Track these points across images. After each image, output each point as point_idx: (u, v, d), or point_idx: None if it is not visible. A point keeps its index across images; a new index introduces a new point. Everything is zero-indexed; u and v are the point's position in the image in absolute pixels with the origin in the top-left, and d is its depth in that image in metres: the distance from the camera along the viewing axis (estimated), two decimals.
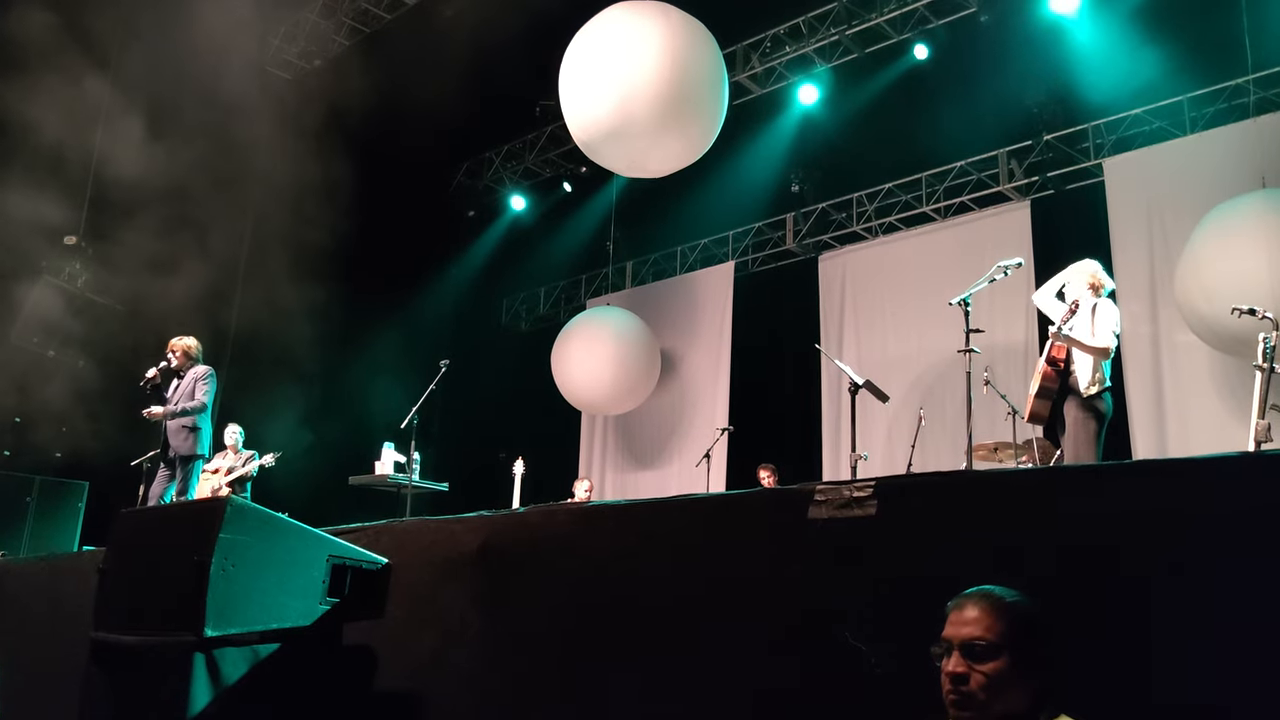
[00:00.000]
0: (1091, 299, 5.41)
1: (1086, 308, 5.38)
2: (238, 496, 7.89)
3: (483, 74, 10.63)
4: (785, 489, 2.96)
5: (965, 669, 1.79)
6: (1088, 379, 5.20)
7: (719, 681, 2.81)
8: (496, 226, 14.32)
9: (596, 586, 3.21)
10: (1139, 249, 8.82)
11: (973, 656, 1.79)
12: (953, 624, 1.85)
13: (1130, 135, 9.25)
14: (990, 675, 1.78)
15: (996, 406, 7.32)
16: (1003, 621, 1.80)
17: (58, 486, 10.16)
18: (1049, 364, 5.31)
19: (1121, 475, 2.50)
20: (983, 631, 1.80)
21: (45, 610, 5.23)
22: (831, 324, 11.18)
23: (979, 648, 1.79)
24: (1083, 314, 5.37)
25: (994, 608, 1.82)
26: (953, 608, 1.88)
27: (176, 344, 7.54)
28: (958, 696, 1.79)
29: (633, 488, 12.29)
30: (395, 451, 8.27)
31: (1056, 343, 5.29)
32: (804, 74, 11.09)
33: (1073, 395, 5.23)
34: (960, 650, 1.80)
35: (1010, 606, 1.83)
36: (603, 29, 8.24)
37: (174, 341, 7.56)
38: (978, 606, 1.83)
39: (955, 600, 1.89)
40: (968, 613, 1.84)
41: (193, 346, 7.56)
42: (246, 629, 3.14)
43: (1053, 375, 5.29)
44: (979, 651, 1.79)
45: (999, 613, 1.81)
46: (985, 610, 1.82)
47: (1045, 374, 5.30)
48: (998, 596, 1.85)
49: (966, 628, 1.81)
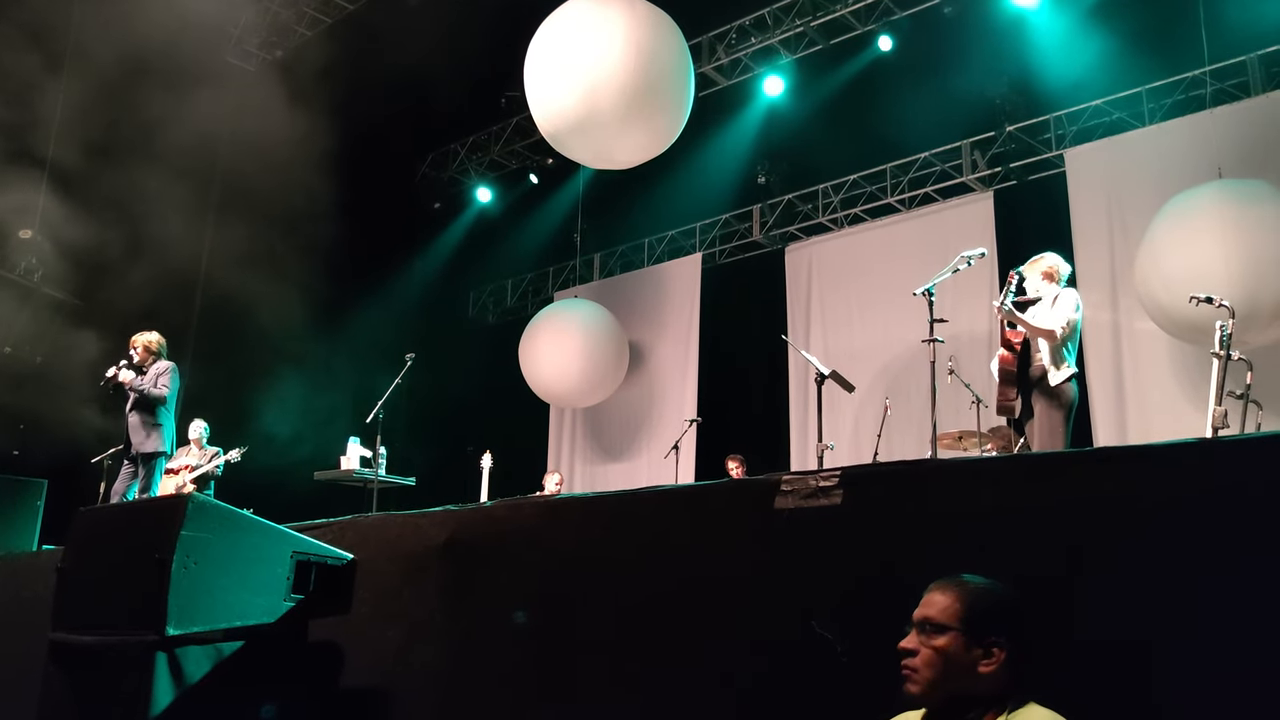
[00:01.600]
0: (1052, 288, 5.43)
1: (1048, 298, 5.40)
2: (200, 494, 7.80)
3: (448, 64, 10.55)
4: (752, 479, 2.97)
5: (916, 645, 1.89)
6: (1050, 364, 5.20)
7: (688, 672, 2.82)
8: (463, 219, 14.21)
9: (564, 579, 3.20)
10: (1099, 238, 8.94)
11: (924, 632, 1.89)
12: (920, 605, 1.95)
13: (1091, 126, 9.36)
14: (937, 650, 1.87)
15: (961, 395, 7.39)
16: (959, 603, 1.89)
17: (15, 485, 9.97)
18: (1004, 347, 5.32)
19: (1084, 462, 2.53)
20: (937, 612, 1.90)
21: (3, 610, 5.13)
22: (798, 315, 11.23)
23: (930, 625, 1.89)
24: (1043, 303, 5.40)
25: (953, 590, 1.91)
26: (927, 590, 1.96)
27: (138, 340, 7.40)
28: (905, 670, 1.90)
29: (602, 480, 12.29)
30: (361, 446, 8.20)
31: (1004, 322, 5.31)
32: (769, 65, 11.11)
33: (1039, 384, 5.23)
34: (916, 627, 1.91)
35: (971, 591, 1.91)
36: (568, 20, 8.20)
37: (135, 337, 7.42)
38: (941, 589, 1.93)
39: (935, 583, 1.97)
40: (932, 595, 1.93)
41: (154, 342, 7.42)
42: (209, 627, 3.10)
43: (1010, 359, 5.29)
44: (929, 628, 1.89)
45: (955, 594, 1.90)
46: (944, 592, 1.92)
47: (1002, 359, 5.32)
48: (963, 581, 1.93)
49: (926, 608, 1.92)
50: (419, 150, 14.05)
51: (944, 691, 1.86)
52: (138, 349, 7.37)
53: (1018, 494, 2.44)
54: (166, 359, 7.46)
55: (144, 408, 7.24)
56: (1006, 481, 2.50)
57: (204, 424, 8.56)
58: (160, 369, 7.33)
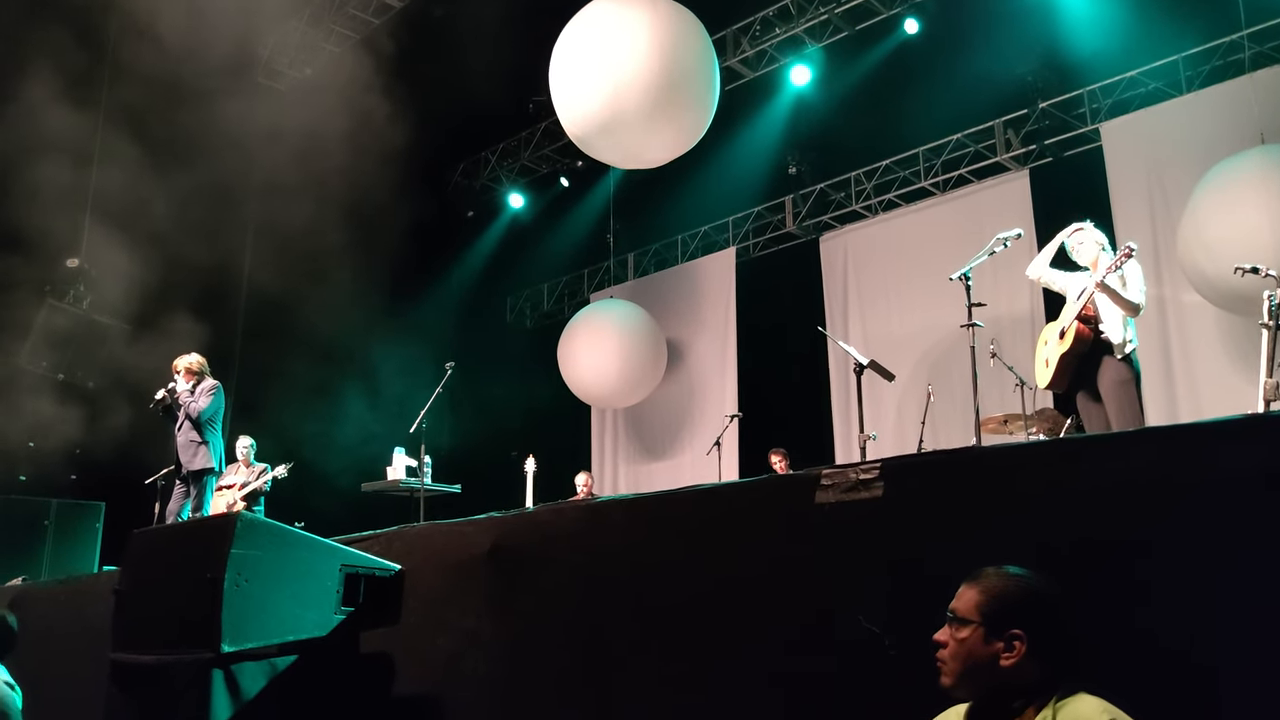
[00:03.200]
0: (1107, 257, 5.25)
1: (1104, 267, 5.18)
2: (248, 511, 7.93)
3: (474, 73, 10.61)
4: (792, 475, 2.96)
5: (945, 638, 1.91)
6: (1121, 337, 5.06)
7: (735, 670, 2.81)
8: (496, 225, 14.31)
9: (608, 581, 3.21)
10: (1140, 211, 8.76)
11: (951, 624, 1.91)
12: (955, 597, 1.95)
13: (1126, 98, 9.18)
14: (960, 643, 1.87)
15: (1005, 378, 7.29)
16: (984, 595, 1.89)
17: (74, 508, 10.21)
18: (1082, 322, 5.12)
19: (1137, 442, 2.45)
20: (960, 604, 1.91)
21: (67, 632, 5.26)
22: (836, 304, 11.15)
23: (954, 617, 1.90)
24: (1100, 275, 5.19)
25: (981, 583, 1.91)
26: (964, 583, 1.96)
27: (180, 363, 7.54)
28: (940, 664, 1.92)
29: (646, 479, 12.31)
30: (406, 456, 8.29)
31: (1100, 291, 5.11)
32: (795, 55, 11.04)
33: (1108, 356, 5.08)
34: (948, 620, 1.92)
35: (993, 583, 1.90)
36: (590, 22, 8.21)
37: (177, 361, 7.56)
38: (968, 582, 1.93)
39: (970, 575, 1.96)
40: (965, 588, 1.93)
41: (195, 363, 7.54)
42: (263, 643, 3.15)
43: (1088, 334, 5.11)
44: (954, 621, 1.90)
45: (982, 587, 1.90)
46: (973, 585, 1.92)
47: (1080, 333, 5.11)
48: (987, 574, 1.92)
49: (958, 601, 1.92)
50: (450, 159, 14.16)
51: (973, 684, 1.87)
52: (180, 372, 7.51)
53: (1062, 478, 2.39)
54: (210, 378, 7.58)
55: (191, 427, 7.37)
56: (1049, 466, 2.46)
57: (251, 440, 8.69)
58: (204, 387, 7.48)
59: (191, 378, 7.50)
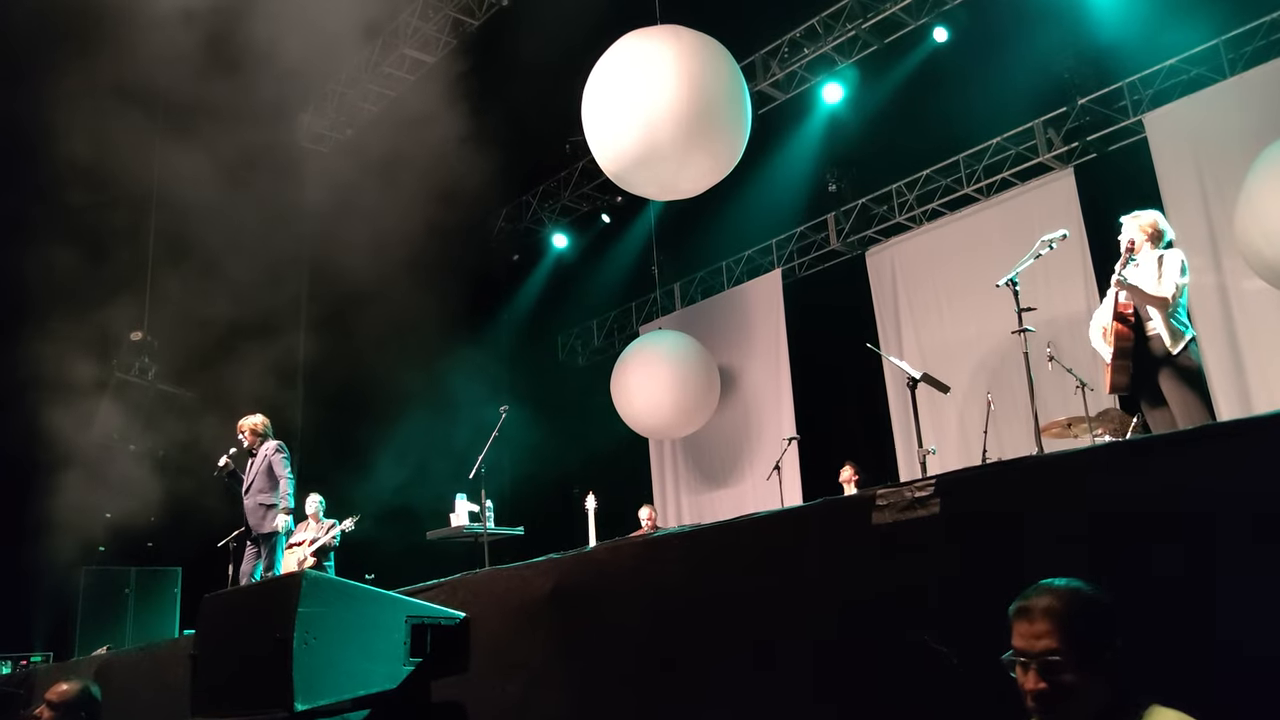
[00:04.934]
0: (1153, 250, 5.07)
1: (1151, 259, 5.04)
2: (313, 570, 8.02)
3: (509, 120, 10.80)
4: (847, 497, 2.93)
5: (1046, 685, 1.78)
6: (1170, 330, 4.84)
7: (804, 699, 2.77)
8: (542, 266, 14.47)
9: (671, 615, 3.19)
10: (1192, 200, 8.56)
11: (1050, 671, 1.77)
12: (1022, 636, 1.82)
13: (1168, 87, 9.01)
14: (1070, 685, 1.77)
15: (1065, 381, 7.13)
16: (1071, 628, 1.78)
17: (153, 575, 10.47)
18: (1119, 321, 4.97)
19: (1202, 439, 2.36)
20: (1055, 644, 1.78)
21: (150, 698, 5.37)
22: (887, 318, 11.04)
23: (1054, 663, 1.77)
24: (1147, 266, 5.04)
25: (1060, 615, 1.79)
26: (1017, 615, 1.84)
27: (244, 424, 7.64)
28: (1044, 707, 1.79)
29: (709, 508, 12.23)
30: (468, 501, 8.35)
31: (1119, 294, 5.02)
32: (826, 73, 11.04)
33: (1160, 357, 4.87)
34: (1038, 668, 1.79)
35: (1074, 609, 1.80)
36: (618, 58, 8.31)
37: (242, 422, 7.67)
38: (1045, 617, 1.80)
39: (1018, 604, 1.85)
40: (1037, 625, 1.80)
41: (260, 424, 7.65)
42: (335, 699, 3.19)
43: (1127, 333, 4.94)
44: (1056, 666, 1.77)
45: (1065, 620, 1.78)
46: (1052, 620, 1.79)
47: (1119, 332, 4.95)
48: (1061, 599, 1.81)
49: (1039, 641, 1.79)
50: (493, 205, 14.36)
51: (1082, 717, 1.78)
52: (245, 433, 7.60)
53: (1127, 482, 2.33)
54: (273, 438, 7.67)
55: (259, 491, 7.45)
56: (1111, 470, 2.39)
57: (319, 498, 8.81)
58: (269, 450, 7.54)
59: (255, 439, 7.60)
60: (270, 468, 7.49)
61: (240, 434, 7.63)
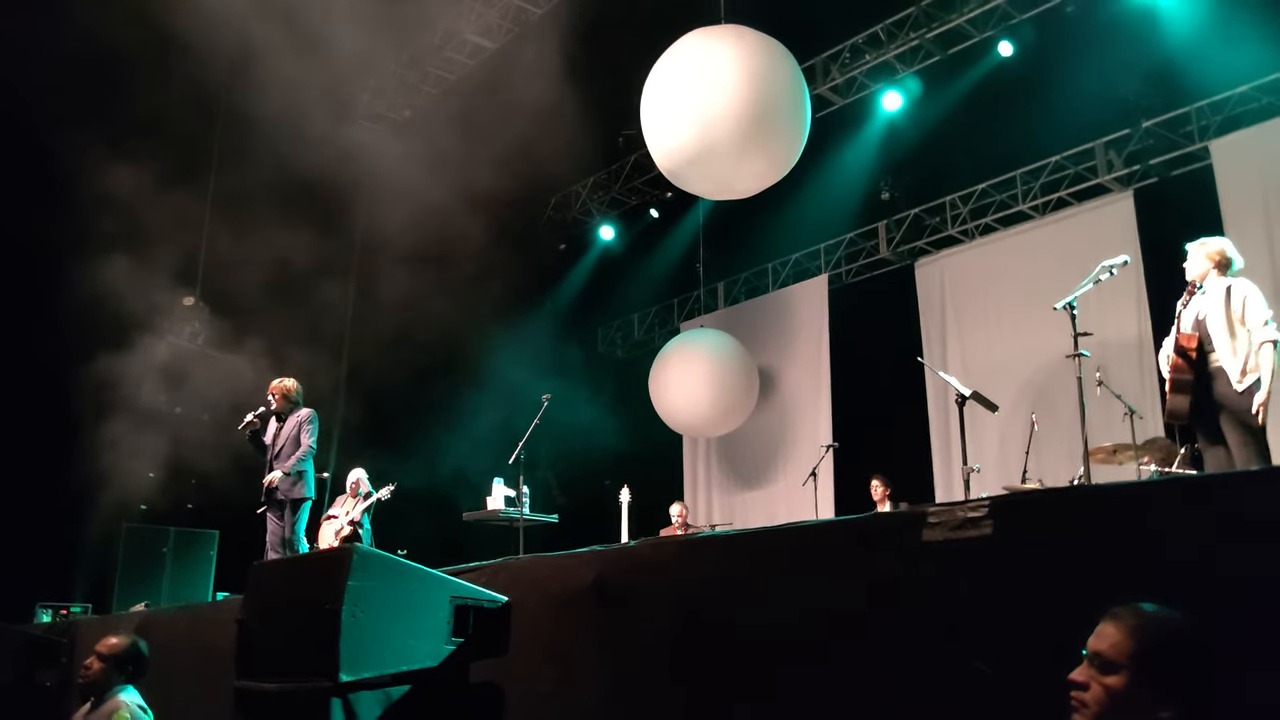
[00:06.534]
0: (1221, 280, 4.98)
1: (1220, 287, 4.95)
2: (361, 545, 8.07)
3: (564, 109, 10.84)
4: (898, 513, 2.93)
5: (1087, 678, 1.82)
6: (1238, 365, 4.74)
7: (841, 709, 2.79)
8: (587, 257, 14.52)
9: (711, 618, 3.22)
10: (1256, 231, 8.40)
11: (1098, 667, 1.81)
12: (1094, 635, 1.86)
13: (1237, 114, 8.86)
14: (1109, 689, 1.78)
15: (1112, 406, 7.07)
16: (1135, 640, 1.78)
17: (191, 536, 10.69)
18: (1178, 354, 4.91)
19: (1264, 481, 2.36)
20: (1109, 646, 1.80)
21: (189, 658, 5.50)
22: (933, 331, 10.96)
23: (1103, 661, 1.80)
24: (1214, 294, 4.93)
25: (1132, 625, 1.81)
26: (1104, 618, 1.88)
27: (276, 386, 7.47)
28: (1075, 703, 1.83)
29: (740, 509, 12.24)
30: (505, 486, 8.43)
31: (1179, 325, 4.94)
32: (886, 81, 10.98)
33: (1224, 388, 4.77)
34: (1089, 660, 1.83)
35: (1150, 627, 1.80)
36: (681, 56, 8.32)
37: (274, 384, 7.51)
38: (1117, 622, 1.83)
39: (1109, 611, 1.88)
40: (1108, 626, 1.84)
41: (292, 388, 7.47)
42: (379, 673, 3.24)
43: (1184, 366, 4.88)
44: (1103, 664, 1.80)
45: (1135, 631, 1.80)
46: (1122, 626, 1.82)
47: (1175, 365, 4.90)
48: (1143, 615, 1.82)
49: (1100, 640, 1.83)
50: (542, 194, 14.44)
51: None
52: (275, 396, 7.43)
53: (1183, 519, 2.32)
54: (304, 405, 7.51)
55: (288, 457, 7.30)
56: (1169, 505, 2.39)
57: (363, 471, 8.66)
58: (301, 417, 7.39)
59: (284, 403, 7.43)
60: (299, 434, 7.34)
61: (270, 395, 7.45)
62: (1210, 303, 4.95)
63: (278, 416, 7.46)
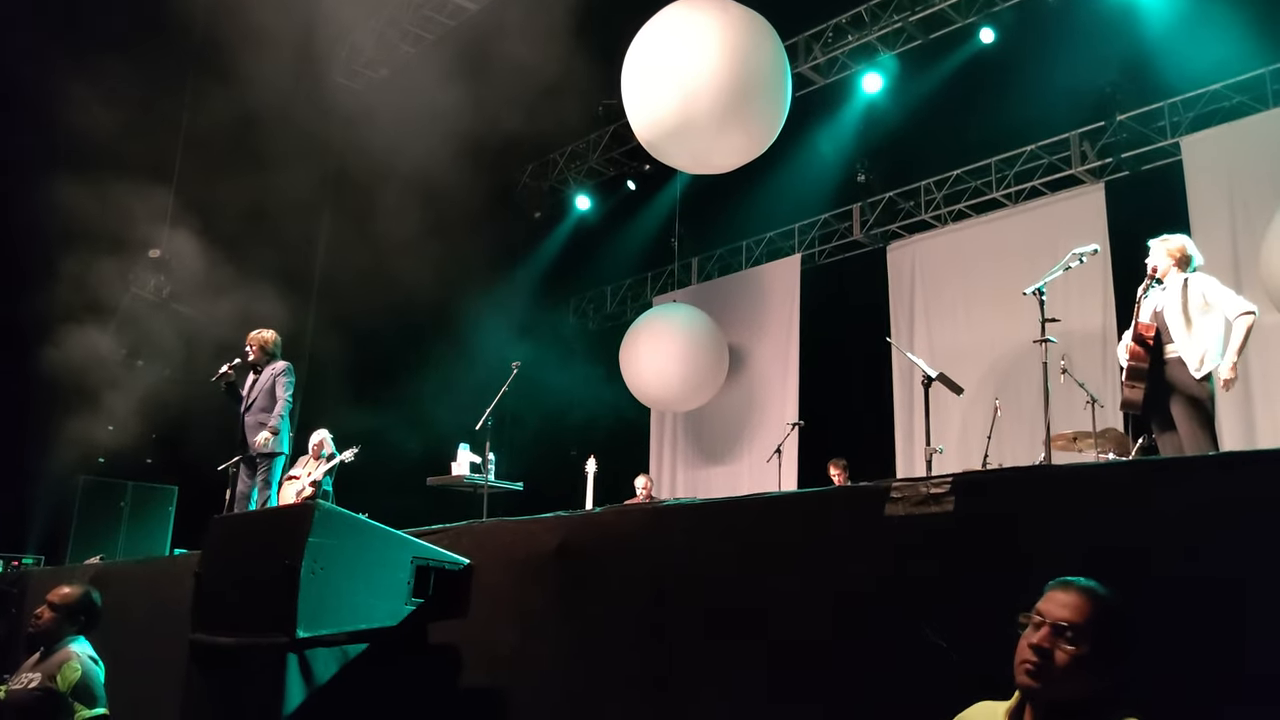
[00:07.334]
0: (1179, 275, 5.08)
1: (1177, 283, 5.04)
2: (324, 501, 8.02)
3: (545, 75, 10.73)
4: (861, 486, 2.96)
5: (1050, 645, 1.88)
6: (1196, 354, 4.85)
7: (794, 676, 2.83)
8: (562, 227, 14.45)
9: (673, 584, 3.24)
10: (1220, 229, 8.53)
11: (1061, 636, 1.87)
12: (1050, 601, 1.93)
13: (1208, 112, 8.96)
14: (1072, 657, 1.85)
15: (1074, 395, 7.17)
16: (1095, 611, 1.88)
17: (149, 491, 10.57)
18: (1136, 342, 5.00)
19: (1207, 467, 2.44)
20: (1077, 616, 1.88)
21: (145, 612, 5.46)
22: (902, 314, 11.04)
23: (1070, 630, 1.87)
24: (1173, 290, 5.04)
25: (1091, 597, 1.90)
26: (1053, 586, 1.95)
27: (254, 337, 7.36)
28: (1034, 667, 1.88)
29: (704, 484, 12.31)
30: (471, 452, 8.40)
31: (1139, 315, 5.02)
32: (867, 62, 10.97)
33: (1179, 376, 4.89)
34: (1052, 628, 1.88)
35: (1104, 600, 1.91)
36: (663, 26, 8.26)
37: (252, 335, 7.39)
38: (1079, 593, 1.91)
39: (1058, 580, 1.96)
40: (1069, 595, 1.91)
41: (270, 340, 7.36)
42: (336, 630, 3.24)
43: (1141, 354, 4.98)
44: (1069, 634, 1.87)
45: (1095, 603, 1.89)
46: (1084, 598, 1.90)
47: (1133, 353, 5.00)
48: (1095, 589, 1.93)
49: (1064, 610, 1.89)
50: (519, 161, 14.32)
51: (1059, 694, 1.87)
52: (253, 346, 7.32)
53: (1137, 501, 2.37)
54: (281, 358, 7.40)
55: (261, 409, 7.20)
56: (1125, 489, 2.43)
57: (327, 433, 8.66)
58: (277, 369, 7.26)
59: (261, 355, 7.33)
60: (274, 388, 7.23)
61: (248, 346, 7.35)
62: (1168, 297, 5.08)
63: (254, 368, 7.35)
